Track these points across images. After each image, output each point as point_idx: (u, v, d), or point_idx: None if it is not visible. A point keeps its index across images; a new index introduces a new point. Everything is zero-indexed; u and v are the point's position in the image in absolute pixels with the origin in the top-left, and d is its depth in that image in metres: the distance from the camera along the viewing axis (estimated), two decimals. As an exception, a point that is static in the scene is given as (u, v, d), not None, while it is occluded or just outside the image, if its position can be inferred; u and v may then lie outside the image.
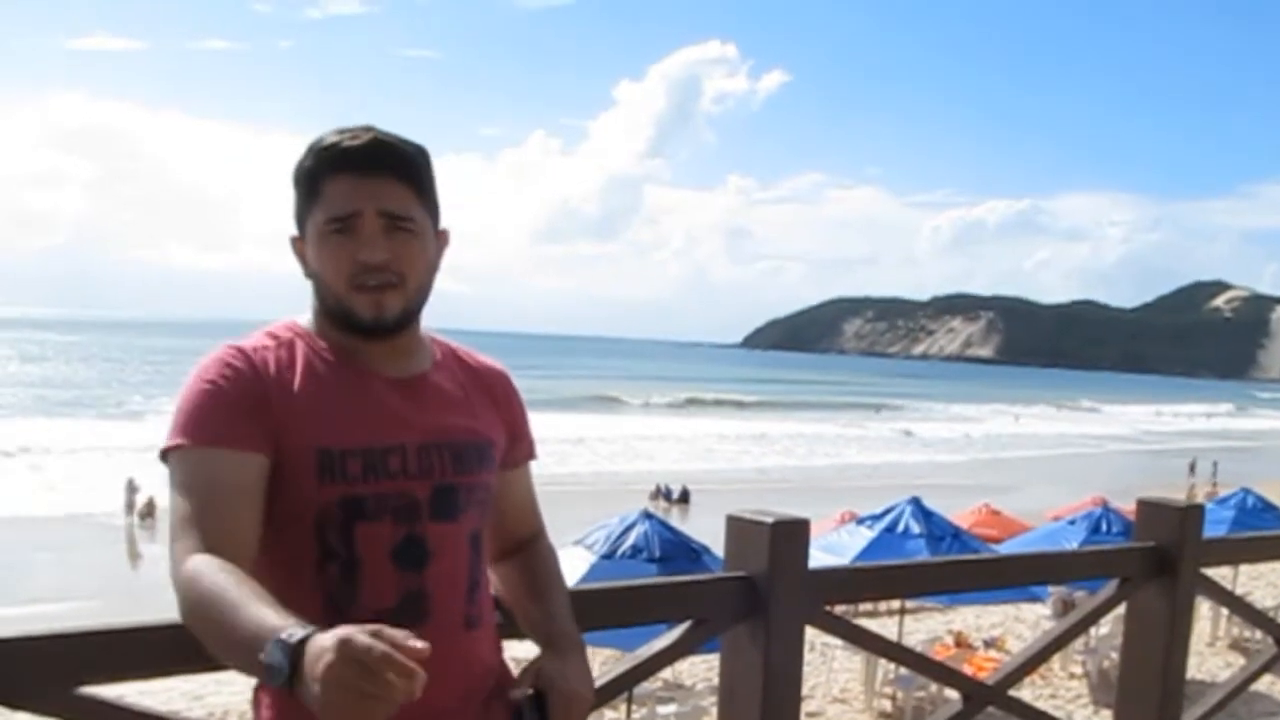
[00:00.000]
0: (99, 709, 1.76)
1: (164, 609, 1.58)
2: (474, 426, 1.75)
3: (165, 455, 1.58)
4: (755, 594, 2.38)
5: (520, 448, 1.89)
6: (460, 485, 1.69)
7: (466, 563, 1.70)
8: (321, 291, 1.68)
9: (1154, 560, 3.35)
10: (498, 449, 1.79)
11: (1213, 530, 3.58)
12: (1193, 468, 39.21)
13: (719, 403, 68.52)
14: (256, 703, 1.66)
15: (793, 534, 2.40)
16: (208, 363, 1.62)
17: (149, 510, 22.29)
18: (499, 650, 1.82)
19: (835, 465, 38.68)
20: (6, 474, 26.78)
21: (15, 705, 1.70)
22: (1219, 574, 3.74)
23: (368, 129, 1.66)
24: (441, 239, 1.76)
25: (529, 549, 1.94)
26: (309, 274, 1.70)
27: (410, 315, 1.69)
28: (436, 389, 1.74)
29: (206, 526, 1.51)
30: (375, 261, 1.62)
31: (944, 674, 3.17)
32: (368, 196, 1.62)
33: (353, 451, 1.60)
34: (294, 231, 1.71)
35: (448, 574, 1.67)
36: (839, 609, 2.72)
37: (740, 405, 68.46)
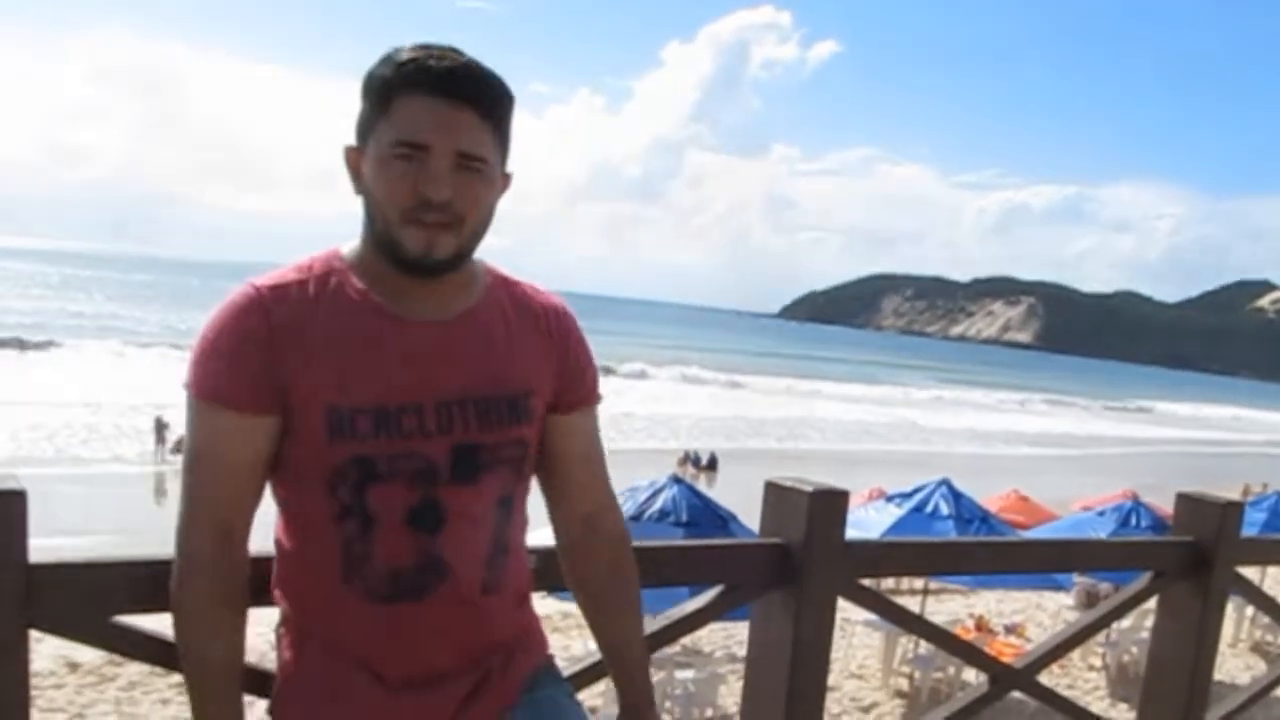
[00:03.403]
0: (133, 638, 1.78)
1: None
2: (510, 375, 1.66)
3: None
4: (790, 562, 2.37)
5: (575, 390, 1.76)
6: (484, 444, 1.61)
7: (490, 527, 1.64)
8: (371, 213, 1.58)
9: (1190, 555, 3.31)
10: (538, 397, 1.69)
11: (1244, 531, 3.53)
12: None
13: (752, 375, 68.26)
14: (278, 641, 1.67)
15: (831, 504, 2.38)
16: (222, 308, 1.56)
17: (179, 448, 22.49)
18: (524, 613, 1.76)
19: (870, 445, 38.51)
20: (35, 410, 26.99)
21: (54, 631, 1.71)
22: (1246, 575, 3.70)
23: (455, 51, 1.55)
24: (505, 181, 1.64)
25: (590, 544, 1.83)
26: (360, 190, 1.59)
27: (461, 258, 1.60)
28: (477, 329, 1.65)
29: (207, 497, 1.57)
30: (439, 199, 1.52)
31: (973, 655, 3.15)
32: (444, 129, 1.52)
33: (363, 409, 1.54)
34: (351, 143, 1.59)
35: (466, 539, 1.62)
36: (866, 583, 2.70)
37: (772, 378, 68.20)
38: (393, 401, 1.56)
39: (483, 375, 1.63)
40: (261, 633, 1.64)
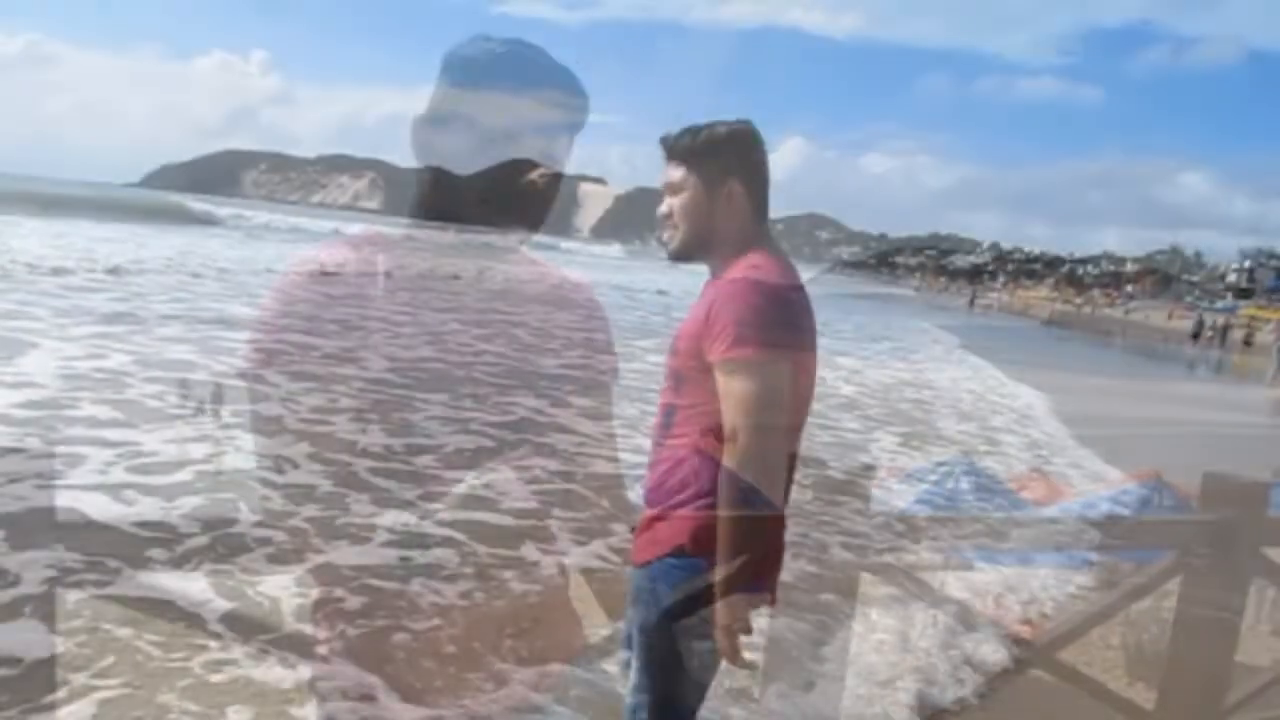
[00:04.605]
0: (157, 598, 1.79)
1: (209, 511, 1.58)
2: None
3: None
4: (816, 535, 2.37)
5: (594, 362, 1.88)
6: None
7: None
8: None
9: (1214, 535, 3.29)
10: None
11: (1270, 512, 3.51)
12: None
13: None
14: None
15: (858, 479, 2.37)
16: (277, 286, 1.52)
17: (200, 410, 22.57)
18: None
19: (892, 420, 38.30)
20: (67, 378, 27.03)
21: (80, 589, 1.73)
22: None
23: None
24: None
25: None
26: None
27: None
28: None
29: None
30: None
31: (993, 631, 3.15)
32: None
33: None
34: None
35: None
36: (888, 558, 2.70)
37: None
38: None
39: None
40: (266, 592, 1.63)
